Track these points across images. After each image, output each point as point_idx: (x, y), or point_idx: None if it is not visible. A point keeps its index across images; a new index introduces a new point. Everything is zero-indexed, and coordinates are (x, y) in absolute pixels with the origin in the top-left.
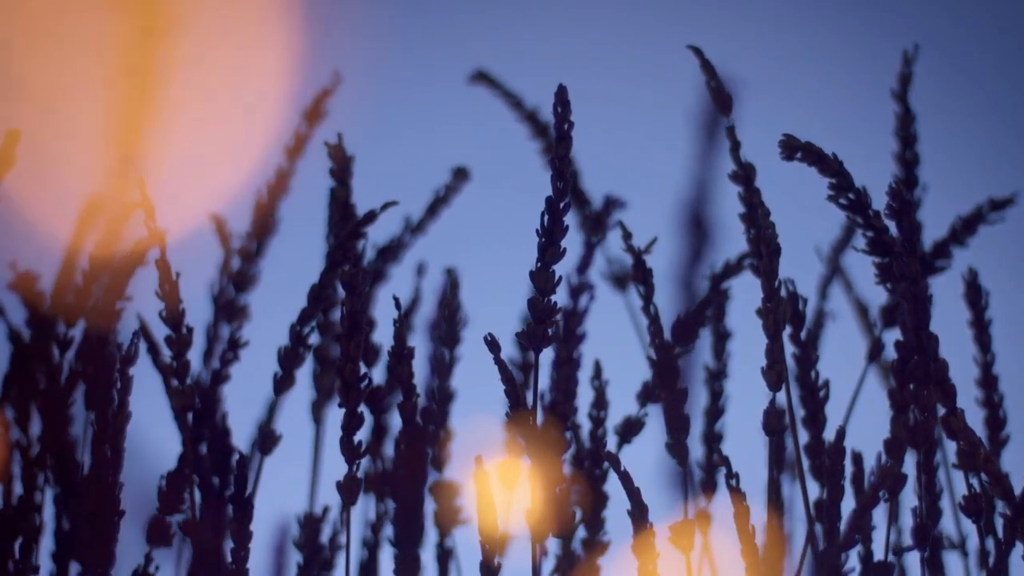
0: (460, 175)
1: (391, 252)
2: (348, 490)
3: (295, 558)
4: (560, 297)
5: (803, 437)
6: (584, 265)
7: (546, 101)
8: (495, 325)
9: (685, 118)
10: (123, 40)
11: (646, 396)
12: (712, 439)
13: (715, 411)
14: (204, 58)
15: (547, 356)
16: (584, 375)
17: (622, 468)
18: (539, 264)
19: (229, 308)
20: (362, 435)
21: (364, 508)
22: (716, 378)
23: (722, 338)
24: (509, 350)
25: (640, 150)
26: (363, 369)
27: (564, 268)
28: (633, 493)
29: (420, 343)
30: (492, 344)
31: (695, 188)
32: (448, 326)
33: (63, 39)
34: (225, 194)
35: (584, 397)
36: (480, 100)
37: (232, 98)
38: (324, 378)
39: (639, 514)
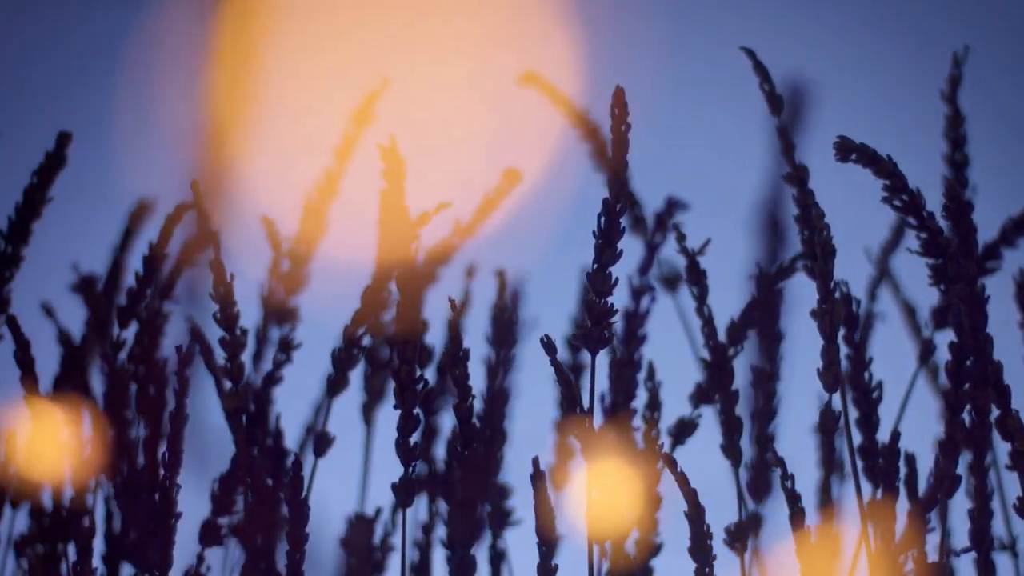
0: (511, 177)
1: (442, 254)
2: (404, 491)
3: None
4: (617, 299)
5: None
6: (645, 267)
7: (595, 102)
8: (547, 327)
9: (753, 120)
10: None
11: (699, 397)
12: (764, 441)
13: (767, 412)
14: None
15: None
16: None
17: (679, 469)
18: (596, 266)
19: (279, 310)
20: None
21: (414, 509)
22: (768, 379)
23: (774, 340)
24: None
25: (689, 152)
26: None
27: (620, 270)
28: (689, 494)
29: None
30: (548, 346)
31: (769, 189)
32: (500, 328)
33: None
34: (275, 196)
35: (638, 398)
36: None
37: (282, 100)
38: (375, 380)
39: (696, 516)
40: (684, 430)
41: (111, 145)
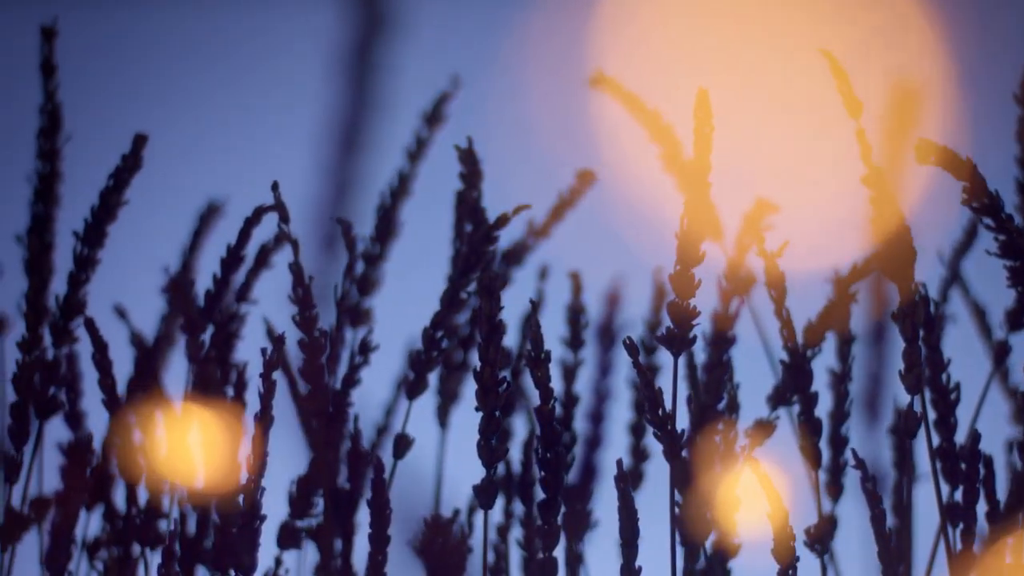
0: (585, 178)
1: (515, 256)
2: (486, 493)
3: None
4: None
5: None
6: (734, 269)
7: (668, 104)
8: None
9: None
10: None
11: (777, 399)
12: (838, 442)
13: (840, 414)
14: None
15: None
16: None
17: (762, 471)
18: (678, 267)
19: (353, 312)
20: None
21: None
22: (841, 381)
23: (847, 341)
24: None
25: (759, 154)
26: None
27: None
28: (773, 496)
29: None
30: (631, 348)
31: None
32: (573, 330)
33: None
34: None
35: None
36: (600, 103)
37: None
38: (450, 382)
39: (779, 517)
40: (762, 432)
41: (183, 146)
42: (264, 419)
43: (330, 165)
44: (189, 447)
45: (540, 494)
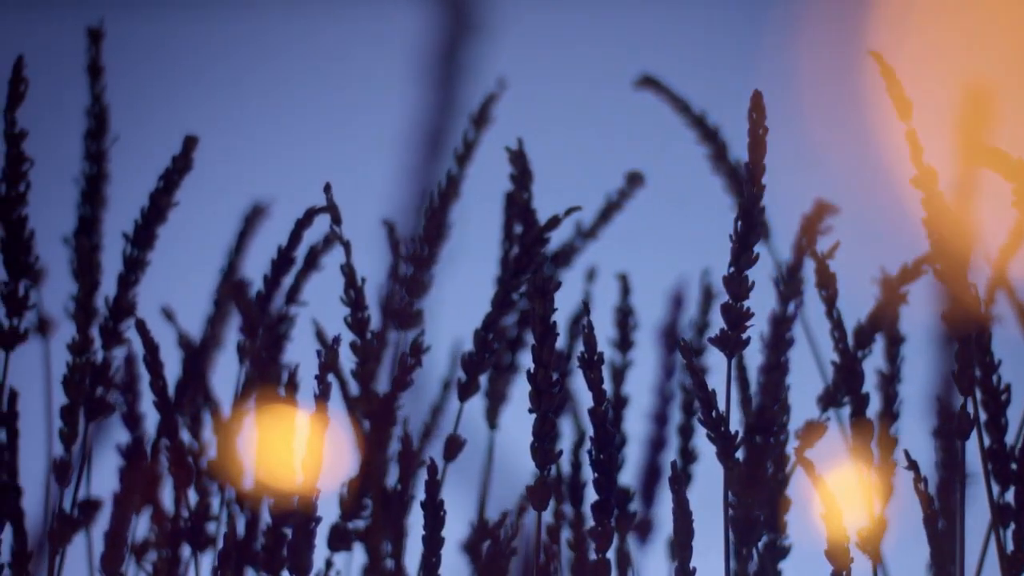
0: (635, 180)
1: (564, 257)
2: (539, 495)
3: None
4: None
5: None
6: (793, 271)
7: (714, 105)
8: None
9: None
10: None
11: (827, 400)
12: (888, 443)
13: (889, 415)
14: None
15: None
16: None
17: (816, 472)
18: (732, 269)
19: (402, 314)
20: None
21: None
22: (889, 382)
23: (895, 342)
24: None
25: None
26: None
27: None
28: (827, 497)
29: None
30: (685, 350)
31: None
32: (621, 331)
33: None
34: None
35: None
36: (647, 105)
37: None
38: (498, 383)
39: (834, 519)
40: (814, 433)
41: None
42: (320, 420)
43: (414, 168)
44: (239, 449)
45: (592, 495)
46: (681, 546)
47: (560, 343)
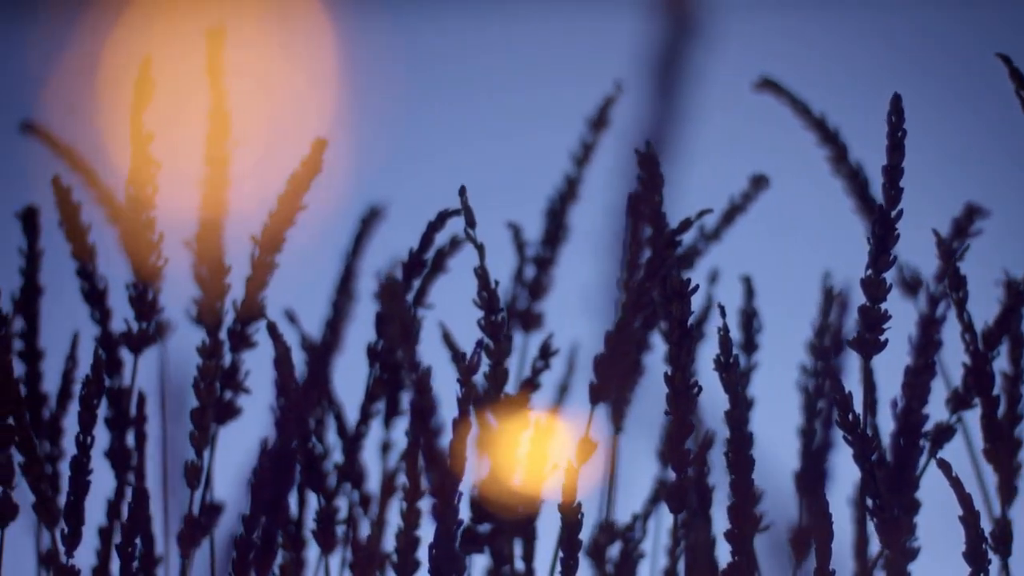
0: (759, 183)
1: (687, 260)
2: (676, 497)
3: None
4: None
5: None
6: (942, 275)
7: (832, 108)
8: (784, 332)
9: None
10: None
11: (957, 403)
12: (1012, 444)
13: (1013, 417)
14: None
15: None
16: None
17: (954, 474)
18: (870, 272)
19: (524, 316)
20: None
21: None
22: (1014, 384)
23: (1019, 344)
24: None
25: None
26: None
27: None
28: (965, 499)
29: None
30: (822, 351)
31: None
32: (746, 334)
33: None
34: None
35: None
36: (766, 107)
37: (523, 110)
38: (623, 386)
39: (972, 520)
40: (942, 435)
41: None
42: (463, 424)
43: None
44: (364, 451)
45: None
46: (821, 552)
47: None
